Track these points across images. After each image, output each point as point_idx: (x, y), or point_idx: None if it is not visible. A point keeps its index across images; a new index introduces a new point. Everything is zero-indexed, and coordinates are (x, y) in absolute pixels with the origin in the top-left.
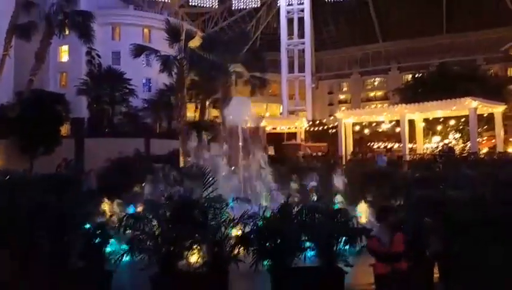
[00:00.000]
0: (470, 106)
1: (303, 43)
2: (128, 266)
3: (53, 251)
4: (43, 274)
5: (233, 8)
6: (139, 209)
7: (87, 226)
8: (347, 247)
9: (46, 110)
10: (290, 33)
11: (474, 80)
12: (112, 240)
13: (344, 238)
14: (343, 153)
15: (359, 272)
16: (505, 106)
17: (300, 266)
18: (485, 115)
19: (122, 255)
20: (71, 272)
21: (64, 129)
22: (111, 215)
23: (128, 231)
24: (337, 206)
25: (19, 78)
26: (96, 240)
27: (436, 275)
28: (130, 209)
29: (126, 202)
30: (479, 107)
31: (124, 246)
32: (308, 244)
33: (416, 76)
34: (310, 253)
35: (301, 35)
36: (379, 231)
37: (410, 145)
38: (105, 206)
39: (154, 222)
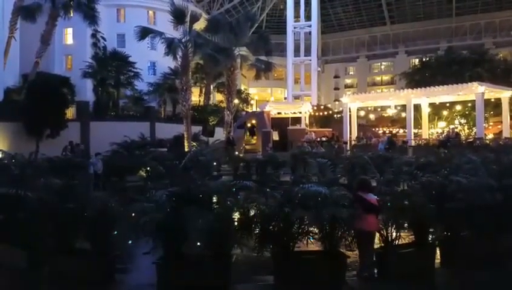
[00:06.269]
0: (477, 90)
1: (309, 26)
2: (134, 249)
3: (60, 235)
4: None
5: None
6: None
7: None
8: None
9: (51, 93)
10: (297, 15)
11: (482, 65)
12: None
13: (346, 222)
14: (348, 138)
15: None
16: None
17: (302, 250)
18: (492, 100)
19: (127, 239)
20: (77, 256)
21: (70, 112)
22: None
23: (133, 215)
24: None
25: (25, 61)
26: (102, 224)
27: (437, 260)
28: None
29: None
30: (486, 92)
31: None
32: (310, 228)
33: (423, 60)
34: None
35: (308, 17)
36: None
37: (415, 131)
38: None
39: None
